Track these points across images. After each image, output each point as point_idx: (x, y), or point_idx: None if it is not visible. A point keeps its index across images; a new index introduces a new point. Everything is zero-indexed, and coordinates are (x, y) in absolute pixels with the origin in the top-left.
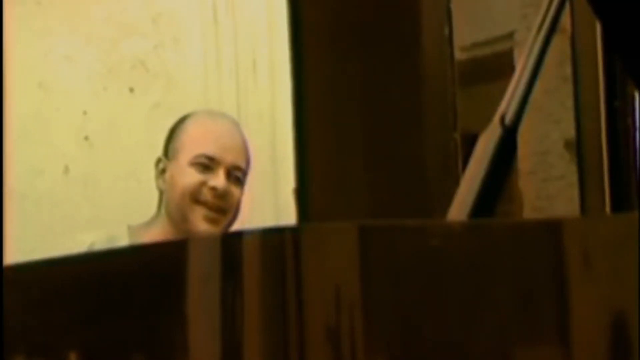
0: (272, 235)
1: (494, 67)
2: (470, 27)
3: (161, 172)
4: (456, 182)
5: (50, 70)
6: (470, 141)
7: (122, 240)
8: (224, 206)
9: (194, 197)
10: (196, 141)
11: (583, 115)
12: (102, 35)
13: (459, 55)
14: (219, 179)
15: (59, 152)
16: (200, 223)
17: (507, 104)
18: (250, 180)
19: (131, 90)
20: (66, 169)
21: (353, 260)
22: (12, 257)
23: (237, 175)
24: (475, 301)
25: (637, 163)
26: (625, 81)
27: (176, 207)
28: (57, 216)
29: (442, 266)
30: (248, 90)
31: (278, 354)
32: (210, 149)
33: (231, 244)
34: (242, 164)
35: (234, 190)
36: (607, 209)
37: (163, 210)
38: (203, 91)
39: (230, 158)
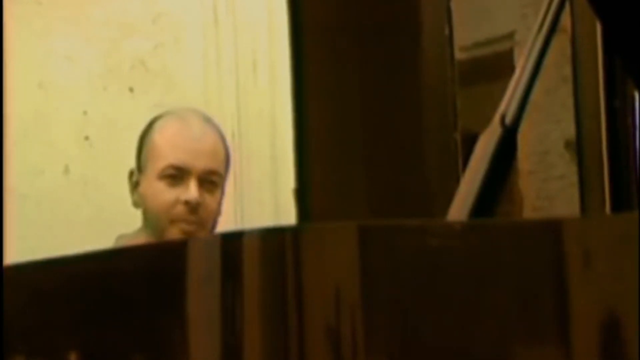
0: (272, 235)
1: (494, 67)
2: (470, 27)
3: (135, 186)
4: (456, 182)
5: (50, 70)
6: (470, 141)
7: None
8: (199, 219)
9: (168, 216)
10: (162, 151)
11: (583, 115)
12: (102, 36)
13: (459, 55)
14: (190, 192)
15: (59, 152)
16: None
17: (507, 104)
18: (250, 180)
19: (131, 90)
20: (66, 169)
21: (353, 260)
22: (12, 257)
23: (213, 179)
24: (475, 301)
25: (637, 163)
26: (625, 81)
27: (153, 226)
28: (57, 216)
29: (442, 266)
30: (248, 90)
31: (278, 354)
32: (177, 159)
33: (231, 244)
34: (217, 166)
35: (209, 198)
36: (607, 209)
37: (144, 225)
38: (203, 91)
39: (201, 164)
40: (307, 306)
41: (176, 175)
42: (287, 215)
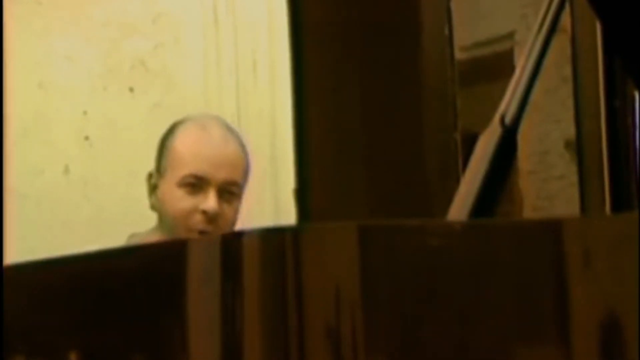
0: (272, 235)
1: (494, 67)
2: (470, 27)
3: (153, 189)
4: (456, 182)
5: (50, 70)
6: (470, 141)
7: None
8: (216, 229)
9: (185, 224)
10: (183, 159)
11: (583, 115)
12: (102, 36)
13: (459, 55)
14: (209, 202)
15: (59, 152)
16: None
17: (507, 104)
18: (250, 180)
19: (131, 90)
20: (66, 169)
21: (353, 260)
22: (12, 257)
23: (232, 190)
24: (475, 301)
25: (637, 163)
26: (625, 81)
27: (168, 230)
28: (57, 216)
29: (442, 266)
30: (248, 90)
31: (278, 354)
32: (197, 168)
33: (231, 244)
34: (237, 177)
35: (227, 209)
36: (607, 209)
37: (159, 226)
38: (203, 91)
39: (221, 175)
40: (307, 306)
41: (196, 184)
42: (287, 215)
